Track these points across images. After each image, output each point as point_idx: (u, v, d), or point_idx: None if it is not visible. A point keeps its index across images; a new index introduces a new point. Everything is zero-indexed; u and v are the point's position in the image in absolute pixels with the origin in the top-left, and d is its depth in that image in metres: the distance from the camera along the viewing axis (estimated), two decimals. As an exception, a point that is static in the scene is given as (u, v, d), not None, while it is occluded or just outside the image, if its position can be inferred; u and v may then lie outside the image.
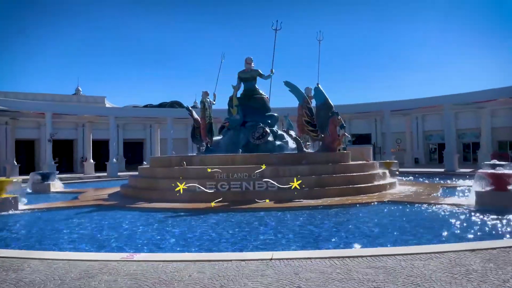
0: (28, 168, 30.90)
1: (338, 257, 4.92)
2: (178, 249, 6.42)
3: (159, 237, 7.31)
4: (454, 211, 9.30)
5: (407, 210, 9.81)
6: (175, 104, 47.69)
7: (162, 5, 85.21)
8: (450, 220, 8.30)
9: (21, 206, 11.00)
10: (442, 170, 25.01)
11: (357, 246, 6.17)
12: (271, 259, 4.94)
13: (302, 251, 5.67)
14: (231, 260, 4.94)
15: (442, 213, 9.18)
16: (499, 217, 8.15)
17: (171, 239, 7.11)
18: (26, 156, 34.86)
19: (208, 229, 7.92)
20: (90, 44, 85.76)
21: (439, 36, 77.87)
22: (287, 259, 4.93)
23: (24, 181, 19.06)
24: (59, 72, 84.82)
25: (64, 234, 7.76)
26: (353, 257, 4.93)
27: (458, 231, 7.16)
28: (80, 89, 46.47)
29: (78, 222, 9.12)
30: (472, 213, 8.87)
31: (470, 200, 10.40)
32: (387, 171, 15.10)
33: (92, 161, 31.66)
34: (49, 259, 5.26)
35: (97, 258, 5.27)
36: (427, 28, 76.72)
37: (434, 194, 12.49)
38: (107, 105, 40.48)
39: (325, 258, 4.92)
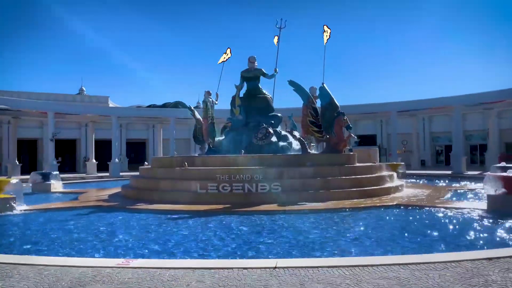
0: (31, 168, 30.83)
1: (348, 266, 4.60)
2: (176, 254, 6.10)
3: (157, 240, 6.99)
4: (465, 215, 8.95)
5: (417, 214, 9.46)
6: (179, 105, 47.22)
7: (165, 4, 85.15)
8: (462, 225, 7.96)
9: (19, 207, 10.75)
10: (449, 172, 24.59)
11: (367, 254, 5.82)
12: (275, 267, 4.63)
13: (309, 259, 5.34)
14: (232, 268, 4.63)
15: (453, 217, 8.82)
16: (514, 222, 7.80)
17: (170, 243, 6.80)
18: (29, 156, 34.78)
19: (208, 233, 7.60)
20: (94, 45, 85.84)
21: (442, 36, 77.20)
22: (292, 267, 4.62)
23: (24, 181, 18.88)
24: (64, 73, 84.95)
25: (59, 237, 7.47)
26: (364, 266, 4.60)
27: (472, 237, 6.82)
28: (84, 89, 46.45)
29: (75, 224, 8.83)
30: (485, 218, 8.52)
31: (482, 204, 10.08)
32: (394, 173, 14.74)
33: (94, 161, 31.50)
34: (40, 265, 4.98)
35: (91, 264, 4.97)
36: (431, 28, 76.10)
37: (443, 197, 12.14)
38: (111, 105, 40.36)
39: (333, 267, 4.60)
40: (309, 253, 6.04)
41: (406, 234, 7.22)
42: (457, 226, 7.85)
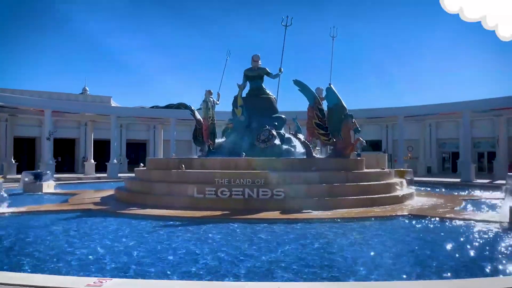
0: (29, 167, 30.07)
1: (364, 295, 3.79)
2: (161, 272, 5.23)
3: (142, 254, 6.12)
4: (486, 229, 8.12)
5: (433, 226, 8.63)
6: (182, 106, 46.73)
7: (168, 4, 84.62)
8: (486, 240, 7.13)
9: (1, 209, 10.00)
10: (458, 180, 23.72)
11: (385, 277, 4.94)
12: (276, 294, 3.82)
13: (315, 284, 4.49)
14: (225, 294, 3.83)
15: (474, 231, 7.98)
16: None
17: (155, 257, 5.91)
18: (27, 155, 34.11)
19: (201, 245, 6.69)
20: (99, 45, 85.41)
21: (452, 40, 76.09)
22: (297, 294, 3.81)
23: (17, 180, 18.20)
24: (68, 73, 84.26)
25: (32, 246, 6.63)
26: (384, 295, 3.79)
27: (502, 256, 5.96)
28: (87, 88, 45.79)
29: (56, 230, 8.00)
30: (509, 232, 7.68)
31: (502, 216, 9.23)
32: (404, 181, 13.91)
33: (92, 161, 30.76)
34: (-4, 283, 4.20)
35: (56, 284, 4.16)
36: (440, 32, 75.10)
37: (458, 207, 11.35)
38: (113, 105, 39.67)
39: (347, 295, 3.79)
40: (316, 275, 5.14)
41: (426, 250, 6.37)
42: (480, 242, 7.03)
